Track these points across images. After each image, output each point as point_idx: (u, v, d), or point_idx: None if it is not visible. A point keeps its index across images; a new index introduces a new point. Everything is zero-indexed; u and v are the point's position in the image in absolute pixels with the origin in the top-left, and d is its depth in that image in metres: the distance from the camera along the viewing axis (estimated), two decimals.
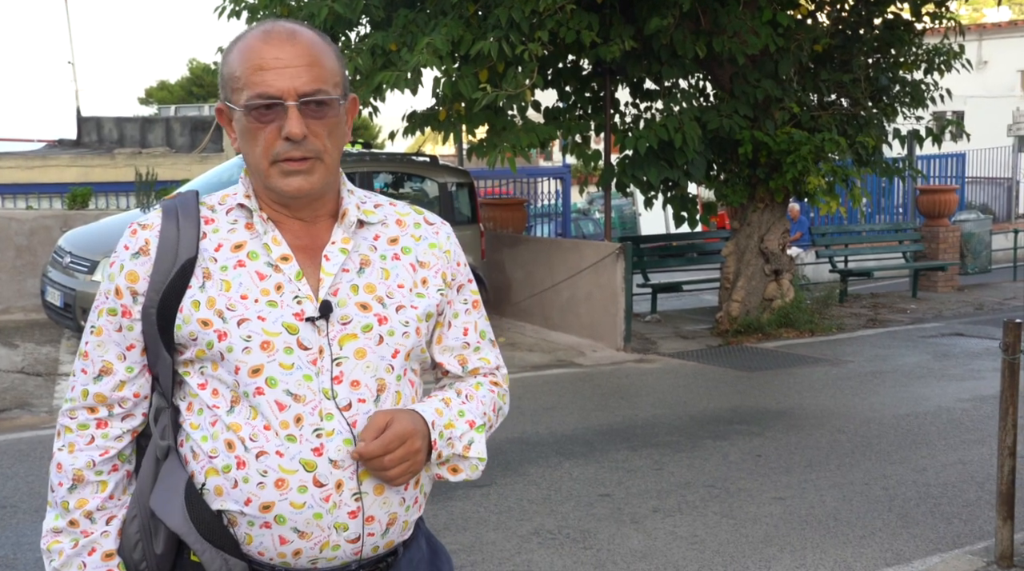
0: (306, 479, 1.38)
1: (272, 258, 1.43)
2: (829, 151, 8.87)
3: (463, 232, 8.86)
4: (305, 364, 1.40)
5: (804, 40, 8.93)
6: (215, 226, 1.46)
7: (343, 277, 1.45)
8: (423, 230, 1.55)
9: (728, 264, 9.62)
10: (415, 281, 1.51)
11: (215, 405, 1.41)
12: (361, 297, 1.45)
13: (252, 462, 1.38)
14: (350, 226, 1.48)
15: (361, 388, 1.42)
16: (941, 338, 9.20)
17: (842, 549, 4.11)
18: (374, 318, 1.44)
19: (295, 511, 1.38)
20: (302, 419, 1.38)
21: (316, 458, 1.38)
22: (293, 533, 1.39)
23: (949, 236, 12.50)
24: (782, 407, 6.59)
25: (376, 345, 1.43)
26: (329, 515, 1.39)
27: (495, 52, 7.40)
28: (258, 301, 1.41)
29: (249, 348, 1.38)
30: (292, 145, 1.39)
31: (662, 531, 4.32)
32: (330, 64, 1.44)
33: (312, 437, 1.38)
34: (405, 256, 1.51)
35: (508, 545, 4.16)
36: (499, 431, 5.99)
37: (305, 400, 1.39)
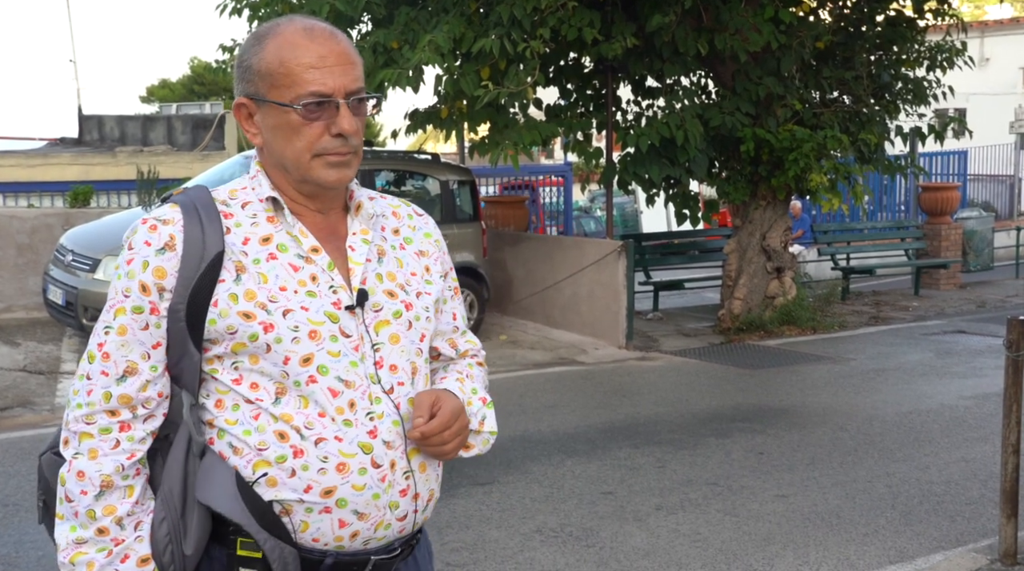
0: (365, 461, 1.42)
1: (303, 250, 1.47)
2: (831, 148, 8.86)
3: (465, 230, 8.87)
4: (350, 351, 1.44)
5: (806, 37, 8.92)
6: (236, 220, 1.47)
7: (368, 266, 1.51)
8: (416, 221, 1.63)
9: (730, 262, 9.61)
10: (421, 269, 1.58)
11: (258, 399, 1.42)
12: (386, 285, 1.51)
13: (311, 449, 1.40)
14: (368, 218, 1.54)
15: (399, 372, 1.48)
16: (943, 336, 9.18)
17: (845, 547, 4.10)
18: (401, 305, 1.51)
19: (356, 493, 1.42)
20: (355, 404, 1.43)
21: (372, 440, 1.43)
22: (353, 515, 1.43)
23: (951, 233, 12.48)
24: (784, 405, 6.59)
25: (407, 330, 1.50)
26: (385, 495, 1.44)
27: (497, 49, 7.38)
28: (297, 292, 1.43)
29: (298, 338, 1.41)
30: (342, 141, 1.44)
31: (665, 529, 4.31)
32: (359, 61, 1.50)
33: (366, 421, 1.43)
34: (408, 246, 1.58)
35: (511, 543, 4.16)
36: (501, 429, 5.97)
37: (355, 386, 1.44)
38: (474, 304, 8.87)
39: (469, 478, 5.01)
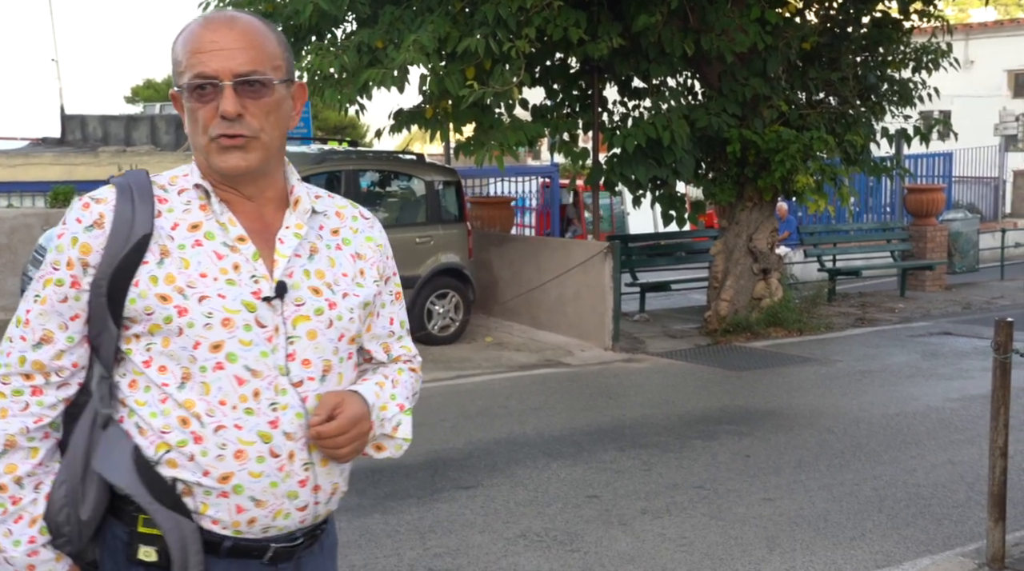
0: (263, 450, 1.45)
1: (229, 238, 1.49)
2: (817, 150, 8.85)
3: (450, 231, 8.80)
4: (262, 341, 1.46)
5: (792, 38, 8.90)
6: (169, 205, 1.50)
7: (296, 261, 1.52)
8: (360, 224, 1.64)
9: (716, 263, 9.59)
10: (355, 271, 1.59)
11: (164, 383, 1.45)
12: (312, 282, 1.53)
13: (210, 436, 1.43)
14: (304, 213, 1.55)
15: (311, 367, 1.50)
16: (930, 337, 9.18)
17: (832, 551, 4.06)
18: (325, 302, 1.53)
19: (253, 480, 1.45)
20: (260, 393, 1.45)
21: (272, 430, 1.45)
22: (250, 502, 1.45)
23: (937, 235, 12.51)
24: (771, 407, 6.55)
25: (326, 328, 1.52)
26: (283, 484, 1.47)
27: (482, 49, 7.33)
28: (217, 279, 1.46)
29: (210, 324, 1.43)
30: (227, 123, 1.45)
31: (650, 533, 4.26)
32: (270, 48, 1.50)
33: (268, 410, 1.46)
34: (346, 247, 1.59)
35: (494, 548, 4.10)
36: (486, 431, 5.91)
37: (262, 375, 1.46)
38: (459, 305, 8.81)
39: (452, 481, 4.95)
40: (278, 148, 1.53)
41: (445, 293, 8.73)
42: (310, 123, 14.16)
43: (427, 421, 6.18)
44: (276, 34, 1.53)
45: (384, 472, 5.09)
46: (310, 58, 7.87)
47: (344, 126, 27.25)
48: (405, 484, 4.90)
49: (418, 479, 4.98)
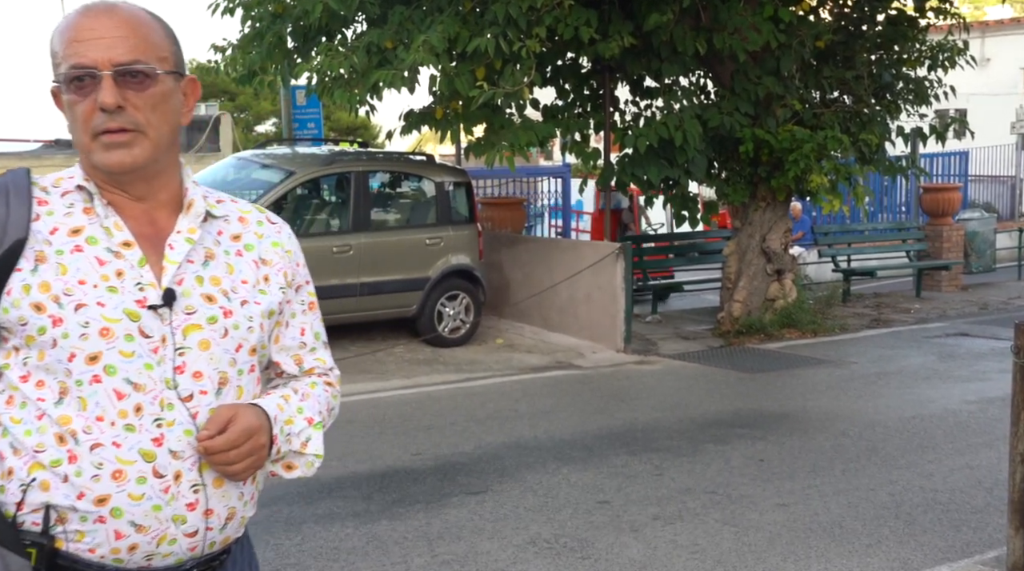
0: (145, 470, 1.35)
1: (113, 244, 1.40)
2: (832, 149, 8.75)
3: (460, 232, 8.75)
4: (146, 352, 1.37)
5: (806, 36, 8.80)
6: (49, 208, 1.40)
7: (188, 268, 1.43)
8: (265, 229, 1.55)
9: (729, 264, 9.49)
10: (258, 278, 1.50)
11: (40, 398, 1.35)
12: (206, 289, 1.44)
13: (86, 455, 1.33)
14: (197, 217, 1.46)
15: (203, 379, 1.40)
16: (946, 338, 9.07)
17: (848, 558, 3.98)
18: (219, 310, 1.43)
19: (133, 503, 1.35)
20: (142, 408, 1.36)
21: (156, 448, 1.36)
22: (130, 527, 1.35)
23: (953, 235, 12.37)
24: (785, 410, 6.47)
25: (221, 338, 1.42)
26: (168, 507, 1.36)
27: (492, 49, 7.27)
28: (97, 286, 1.36)
29: (87, 334, 1.34)
30: (108, 116, 1.36)
31: (662, 539, 4.19)
32: (155, 38, 1.42)
33: (152, 427, 1.36)
34: (248, 253, 1.51)
35: (503, 555, 4.04)
36: (496, 435, 5.84)
37: (146, 389, 1.36)
38: (470, 307, 8.76)
39: (461, 486, 4.89)
40: (168, 145, 1.43)
41: (455, 295, 8.68)
42: (321, 124, 14.14)
43: (436, 424, 6.13)
44: (163, 25, 1.45)
45: (392, 477, 5.04)
46: (320, 59, 7.83)
47: (356, 127, 27.23)
48: (413, 489, 4.84)
49: (427, 484, 4.92)
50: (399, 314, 8.51)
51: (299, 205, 8.40)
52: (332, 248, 8.03)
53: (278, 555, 4.02)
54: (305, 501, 4.66)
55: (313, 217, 8.47)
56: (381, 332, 8.75)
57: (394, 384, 7.35)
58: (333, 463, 5.28)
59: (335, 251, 8.04)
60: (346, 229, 8.25)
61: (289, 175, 8.05)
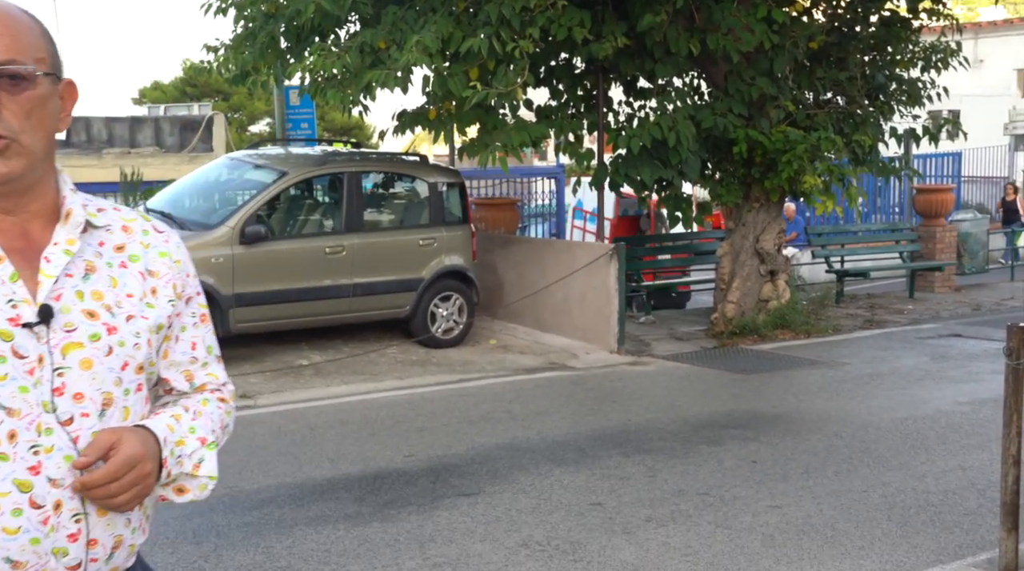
0: (21, 500, 1.26)
1: None
2: (825, 150, 8.75)
3: (454, 232, 8.73)
4: (21, 374, 1.27)
5: (800, 37, 8.81)
6: None
7: (66, 282, 1.33)
8: (151, 238, 1.45)
9: (723, 265, 9.49)
10: (144, 291, 1.41)
11: None
12: (88, 304, 1.34)
13: None
14: (76, 227, 1.36)
15: (85, 401, 1.31)
16: (939, 339, 9.08)
17: (840, 560, 3.98)
18: (103, 327, 1.34)
19: (8, 538, 1.25)
20: (16, 435, 1.26)
21: (32, 477, 1.27)
22: (6, 564, 1.26)
23: (946, 236, 12.39)
24: (778, 411, 6.46)
25: (105, 356, 1.33)
26: (47, 539, 1.28)
27: (485, 49, 7.25)
28: None
29: None
30: None
31: (655, 542, 4.18)
32: (30, 38, 1.31)
33: (28, 454, 1.27)
34: (133, 264, 1.41)
35: (495, 557, 4.02)
36: (488, 436, 5.82)
37: (20, 414, 1.27)
38: (463, 308, 8.74)
39: (454, 488, 4.87)
40: (44, 153, 1.33)
41: (449, 296, 8.66)
42: (315, 124, 14.11)
43: (429, 426, 6.11)
44: (38, 23, 1.35)
45: (385, 479, 5.02)
46: (313, 59, 7.81)
47: (350, 127, 27.20)
48: (405, 491, 4.83)
49: (419, 486, 4.90)
50: (392, 315, 8.49)
51: (292, 205, 8.38)
52: (325, 249, 8.01)
53: (268, 558, 4.00)
54: (296, 503, 4.64)
55: (306, 217, 8.45)
56: (374, 333, 8.72)
57: (387, 385, 7.33)
58: (325, 465, 5.26)
59: (328, 252, 8.02)
60: (339, 230, 8.22)
61: (282, 175, 8.02)
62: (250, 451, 5.40)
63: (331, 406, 6.67)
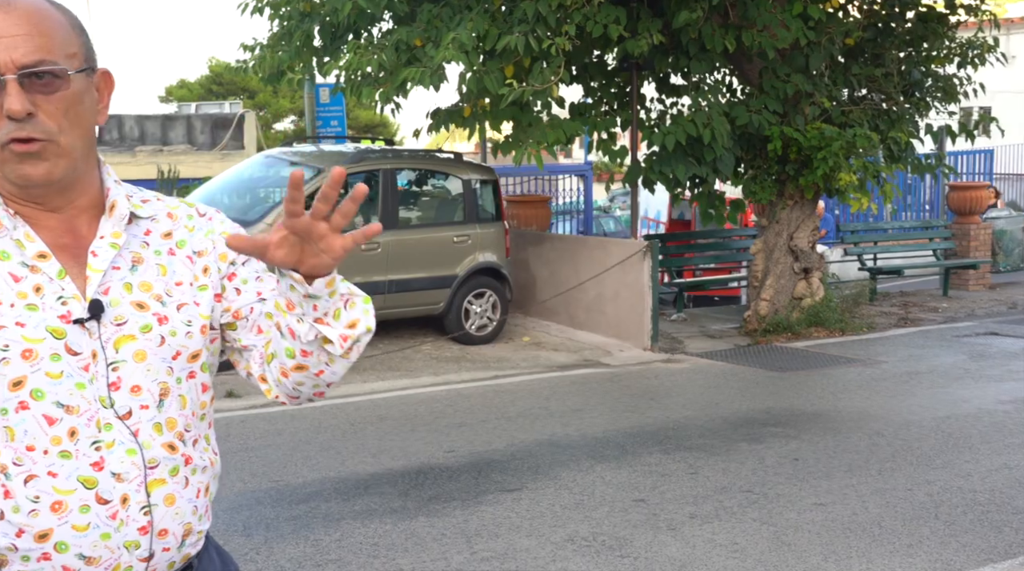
0: (87, 497, 1.26)
1: (27, 257, 1.28)
2: (861, 147, 8.68)
3: (488, 230, 8.76)
4: (76, 371, 1.27)
5: (835, 33, 8.75)
6: None
7: (114, 275, 1.32)
8: (196, 221, 1.44)
9: (756, 262, 9.45)
10: (195, 274, 1.39)
11: None
12: (136, 296, 1.33)
13: (20, 489, 1.24)
14: (121, 219, 1.35)
15: (143, 393, 1.31)
16: (976, 338, 8.99)
17: (889, 558, 3.96)
18: (153, 318, 1.33)
19: (79, 534, 1.25)
20: (77, 432, 1.26)
21: (96, 473, 1.26)
22: (78, 560, 1.26)
23: (980, 233, 12.26)
24: (816, 409, 6.43)
25: (157, 346, 1.32)
26: (118, 534, 1.27)
27: (521, 47, 7.26)
28: (14, 305, 1.26)
29: (7, 359, 1.24)
30: (16, 125, 1.24)
31: (700, 538, 4.18)
32: (62, 33, 1.28)
33: (90, 451, 1.26)
34: (181, 250, 1.40)
35: (542, 552, 4.04)
36: (527, 433, 5.84)
37: (79, 411, 1.27)
38: (496, 305, 8.76)
39: (496, 484, 4.90)
40: (84, 150, 1.31)
41: (482, 292, 8.68)
42: (344, 122, 14.18)
43: (468, 422, 6.14)
44: (68, 16, 1.31)
45: (427, 474, 5.05)
46: (349, 56, 7.85)
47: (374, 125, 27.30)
48: (449, 486, 4.85)
49: (462, 481, 4.93)
50: (427, 312, 8.53)
51: None
52: (361, 246, 8.04)
53: (318, 551, 4.04)
54: (342, 497, 4.68)
55: None
56: (409, 330, 8.76)
57: (423, 381, 7.36)
58: (368, 460, 5.30)
59: (364, 249, 8.06)
60: None
61: (318, 173, 8.08)
62: (293, 446, 5.45)
63: (369, 402, 6.72)
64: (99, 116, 1.34)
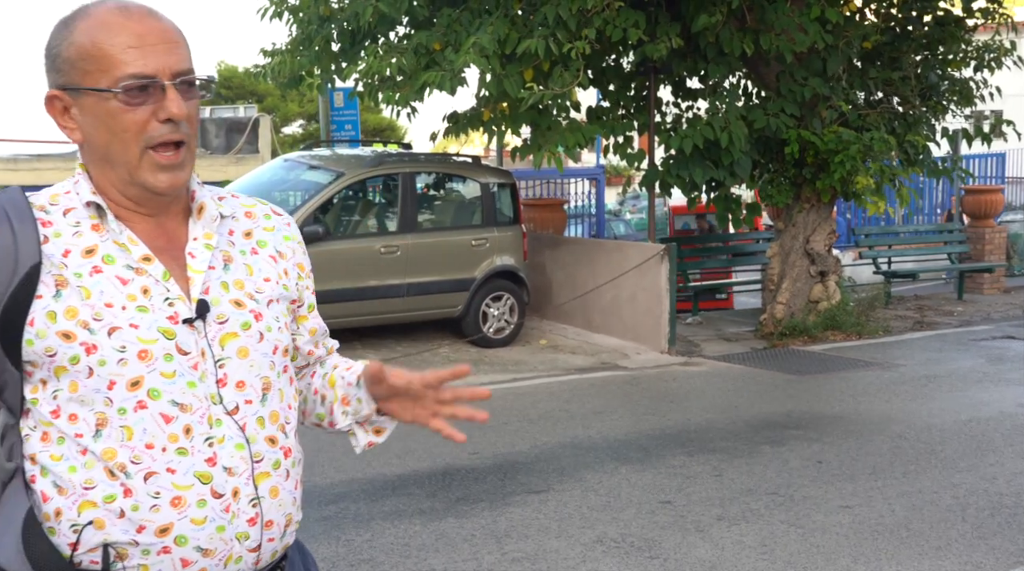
0: (204, 492, 1.30)
1: (132, 260, 1.32)
2: (879, 150, 8.70)
3: (505, 233, 8.79)
4: (187, 370, 1.31)
5: (853, 37, 8.76)
6: (55, 229, 1.31)
7: (211, 274, 1.37)
8: (274, 221, 1.50)
9: (772, 265, 9.47)
10: (279, 273, 1.45)
11: (77, 434, 1.28)
12: (233, 294, 1.38)
13: (140, 486, 1.27)
14: (212, 221, 1.39)
15: (247, 389, 1.36)
16: (992, 341, 8.99)
17: (919, 560, 3.97)
18: (250, 315, 1.38)
19: (196, 528, 1.30)
20: (191, 429, 1.30)
21: (210, 468, 1.31)
22: (196, 553, 1.30)
23: (995, 237, 12.25)
24: (837, 412, 6.45)
25: (257, 343, 1.37)
26: (231, 526, 1.32)
27: (542, 51, 7.30)
28: (126, 308, 1.29)
29: (125, 360, 1.27)
30: (172, 127, 1.30)
31: (729, 540, 4.20)
32: (187, 42, 1.36)
33: (204, 447, 1.31)
34: (263, 249, 1.45)
35: (572, 553, 4.07)
36: (550, 435, 5.87)
37: (192, 409, 1.31)
38: (514, 308, 8.79)
39: (523, 486, 4.92)
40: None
41: (500, 295, 8.71)
42: (358, 125, 14.23)
43: (490, 424, 6.15)
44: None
45: (454, 476, 5.08)
46: (369, 60, 7.89)
47: (383, 128, 27.34)
48: (475, 488, 4.88)
49: (488, 483, 4.96)
50: (444, 315, 8.56)
51: (347, 206, 8.47)
52: (380, 249, 8.10)
53: (350, 551, 4.07)
54: (370, 498, 4.71)
55: (361, 218, 8.54)
56: (426, 332, 8.80)
57: None
58: (393, 461, 5.33)
59: (383, 252, 8.11)
60: (393, 230, 8.31)
61: (338, 176, 8.12)
62: (318, 447, 5.48)
63: None
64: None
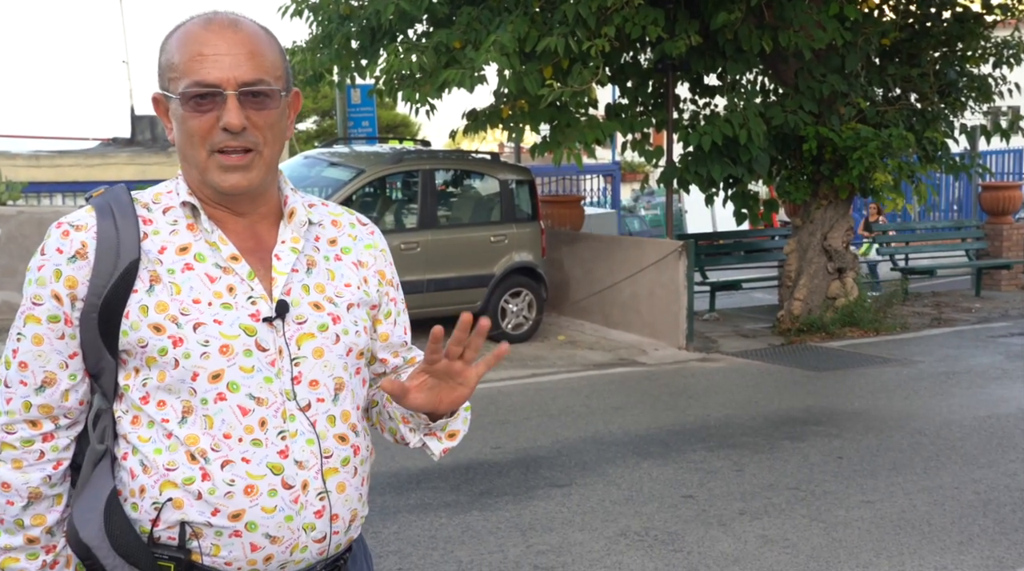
0: (275, 482, 1.38)
1: (221, 259, 1.40)
2: (897, 147, 8.70)
3: (524, 229, 8.84)
4: (265, 366, 1.39)
5: (872, 34, 8.77)
6: (154, 227, 1.41)
7: (293, 277, 1.44)
8: (358, 230, 1.56)
9: (790, 262, 9.48)
10: (360, 279, 1.52)
11: (164, 419, 1.37)
12: (313, 297, 1.45)
13: (217, 472, 1.36)
14: (301, 226, 1.47)
15: (320, 387, 1.43)
16: (1011, 338, 8.99)
17: (941, 555, 4.01)
18: (328, 317, 1.45)
19: (266, 516, 1.37)
20: (266, 422, 1.38)
21: (282, 460, 1.38)
22: (265, 539, 1.38)
23: (1013, 234, 12.22)
24: (856, 408, 6.47)
25: (333, 344, 1.44)
26: (299, 516, 1.39)
27: (561, 48, 7.34)
28: (211, 304, 1.38)
29: (208, 353, 1.36)
30: (230, 136, 1.36)
31: (751, 534, 4.24)
32: (272, 56, 1.41)
33: (277, 440, 1.38)
34: (346, 256, 1.52)
35: (596, 546, 4.12)
36: (571, 430, 5.94)
37: (267, 403, 1.38)
38: (532, 304, 8.84)
39: (546, 479, 4.98)
40: (277, 162, 1.44)
41: (519, 292, 8.77)
42: (375, 123, 14.31)
43: (511, 419, 6.22)
44: (278, 43, 1.45)
45: (477, 470, 5.14)
46: (390, 58, 7.95)
47: (396, 125, 27.40)
48: (499, 482, 4.94)
49: (511, 477, 5.02)
50: (464, 311, 8.60)
51: (368, 203, 8.54)
52: (400, 245, 8.15)
53: (378, 543, 4.14)
54: (396, 491, 4.78)
55: (381, 214, 8.61)
56: (446, 328, 8.81)
57: None
58: (416, 455, 5.39)
59: (403, 248, 8.17)
60: (413, 226, 8.37)
61: (359, 173, 8.19)
62: None
63: None
64: (288, 131, 1.46)
